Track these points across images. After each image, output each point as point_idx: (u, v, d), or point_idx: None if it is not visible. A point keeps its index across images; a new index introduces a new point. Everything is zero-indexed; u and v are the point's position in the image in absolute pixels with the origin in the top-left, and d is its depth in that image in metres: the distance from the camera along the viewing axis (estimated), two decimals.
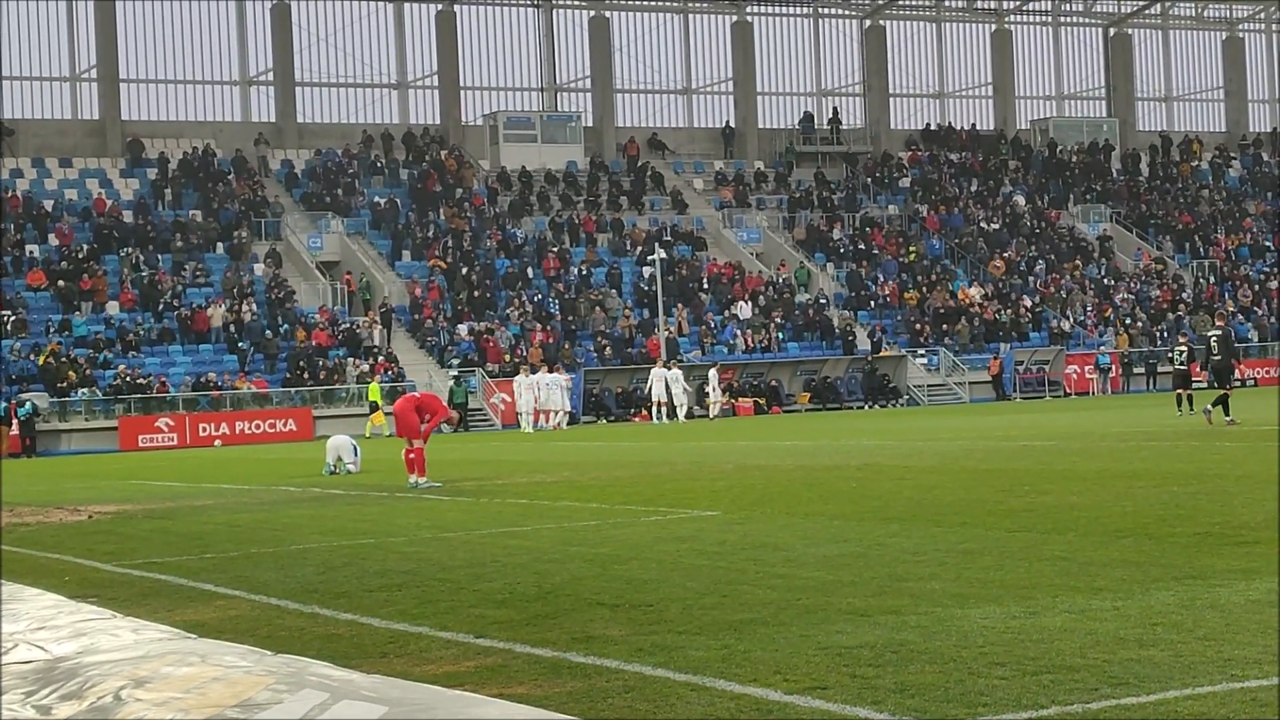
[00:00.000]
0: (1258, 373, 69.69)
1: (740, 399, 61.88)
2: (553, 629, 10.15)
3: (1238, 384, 33.97)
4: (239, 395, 57.78)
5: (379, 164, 73.59)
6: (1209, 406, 32.82)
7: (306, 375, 58.69)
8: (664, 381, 55.48)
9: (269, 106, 75.06)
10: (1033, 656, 8.46)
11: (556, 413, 53.74)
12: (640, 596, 11.31)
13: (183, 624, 8.99)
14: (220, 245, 66.19)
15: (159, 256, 64.02)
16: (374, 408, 53.64)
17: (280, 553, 15.84)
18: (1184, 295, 75.07)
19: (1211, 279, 77.21)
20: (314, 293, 64.60)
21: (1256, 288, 76.59)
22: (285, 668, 3.84)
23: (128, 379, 56.13)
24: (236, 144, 72.07)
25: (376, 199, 70.75)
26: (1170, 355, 47.90)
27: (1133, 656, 8.36)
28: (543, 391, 53.20)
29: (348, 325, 62.22)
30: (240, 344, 60.13)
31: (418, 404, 25.48)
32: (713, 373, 59.25)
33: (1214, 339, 35.01)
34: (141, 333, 59.65)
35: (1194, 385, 40.69)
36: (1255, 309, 74.72)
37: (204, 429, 55.62)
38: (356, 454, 30.25)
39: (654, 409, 55.89)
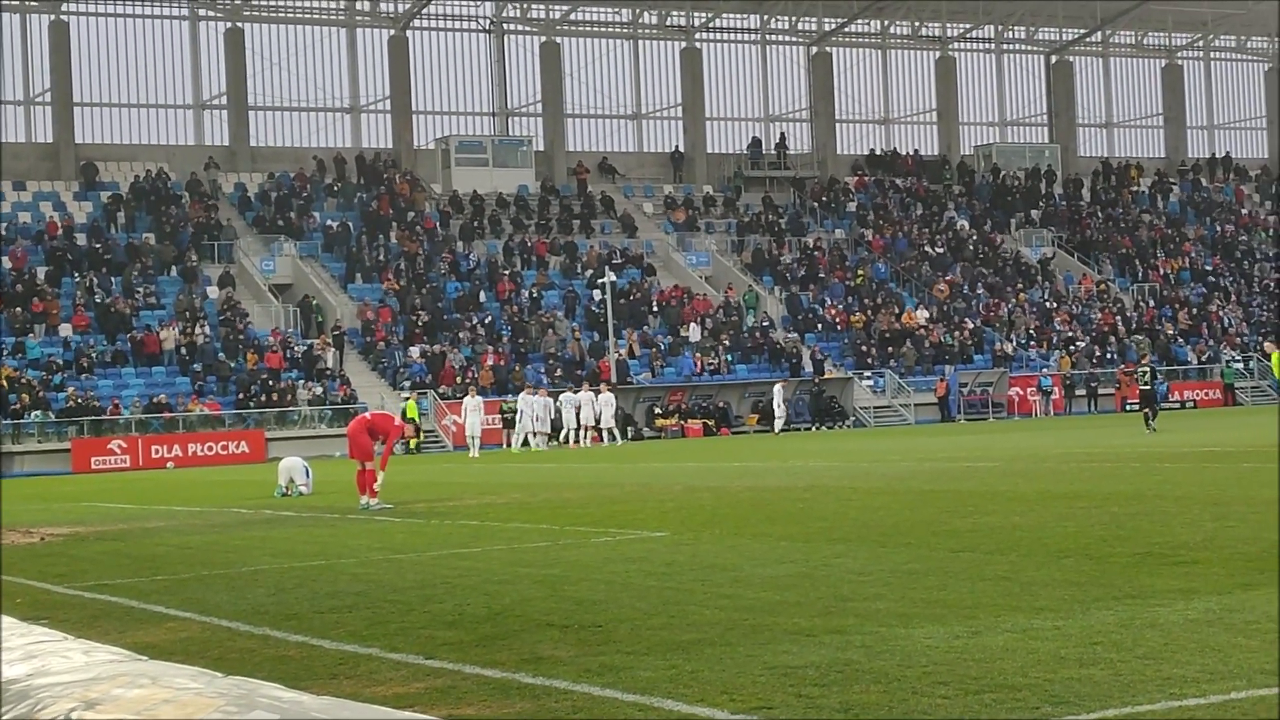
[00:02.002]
0: (1197, 394, 70.30)
1: (689, 420, 62.12)
2: (502, 650, 10.18)
3: None
4: (191, 417, 57.62)
5: (332, 187, 73.51)
6: None
7: (262, 398, 58.66)
8: (574, 408, 55.33)
9: (222, 130, 74.94)
10: (975, 676, 8.53)
11: (598, 428, 54.80)
12: (589, 617, 11.36)
13: (134, 646, 9.02)
14: (173, 268, 66.04)
15: (112, 279, 63.81)
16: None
17: (231, 575, 15.84)
18: (1125, 318, 75.68)
19: (1151, 302, 77.92)
20: (267, 315, 64.48)
21: (1195, 311, 77.33)
22: (235, 690, 3.89)
23: (80, 401, 55.94)
24: (190, 167, 71.90)
25: (329, 222, 70.65)
26: (1135, 374, 49.02)
27: (1073, 675, 8.43)
28: (586, 408, 54.26)
29: (302, 348, 62.08)
30: (193, 366, 60.01)
31: (369, 425, 25.42)
32: (778, 388, 60.50)
33: None
34: (94, 355, 59.45)
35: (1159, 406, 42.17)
36: (1195, 333, 75.45)
37: (156, 451, 55.43)
38: (308, 476, 30.22)
39: (577, 433, 55.96)
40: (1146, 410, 43.02)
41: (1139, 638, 9.44)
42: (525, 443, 53.59)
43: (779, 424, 60.84)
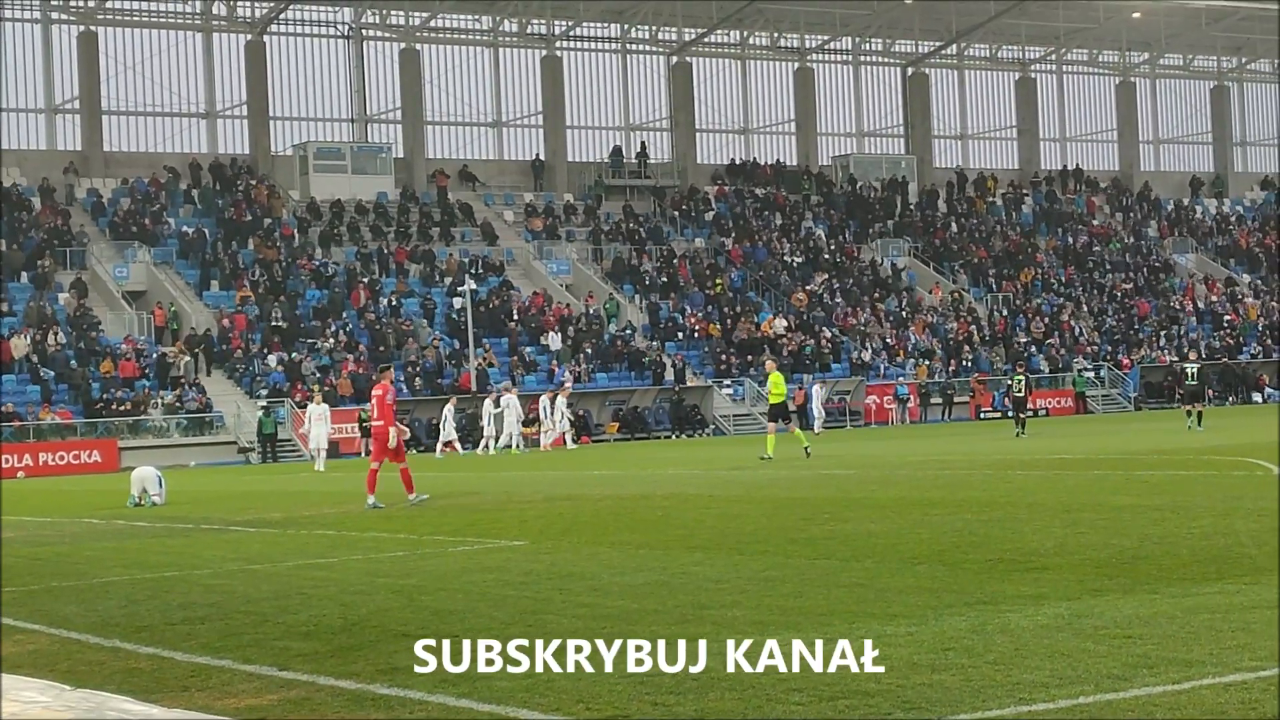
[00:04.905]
0: (1050, 403, 71.38)
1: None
2: (358, 660, 10.14)
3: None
4: (43, 426, 56.68)
5: (188, 193, 72.63)
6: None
7: (114, 406, 57.84)
8: (449, 418, 55.02)
9: (75, 135, 73.76)
10: (829, 682, 8.60)
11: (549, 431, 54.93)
12: (446, 627, 11.34)
13: None
14: (24, 274, 64.93)
15: None
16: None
17: (82, 586, 15.63)
18: (980, 327, 76.77)
19: (1005, 312, 79.09)
20: (120, 323, 63.57)
21: (1048, 320, 78.63)
22: (84, 703, 3.86)
23: None
24: (42, 173, 70.69)
25: (184, 228, 69.81)
26: (1009, 383, 52.16)
27: (925, 681, 8.53)
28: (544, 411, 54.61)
29: (155, 355, 61.26)
30: (44, 374, 59.01)
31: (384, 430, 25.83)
32: (816, 389, 60.86)
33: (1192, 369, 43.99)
34: None
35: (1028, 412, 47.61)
36: (1048, 341, 76.67)
37: (6, 460, 54.46)
38: (161, 486, 29.83)
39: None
40: (1019, 415, 46.82)
41: (990, 643, 9.58)
42: (508, 445, 53.48)
43: (818, 424, 59.87)
